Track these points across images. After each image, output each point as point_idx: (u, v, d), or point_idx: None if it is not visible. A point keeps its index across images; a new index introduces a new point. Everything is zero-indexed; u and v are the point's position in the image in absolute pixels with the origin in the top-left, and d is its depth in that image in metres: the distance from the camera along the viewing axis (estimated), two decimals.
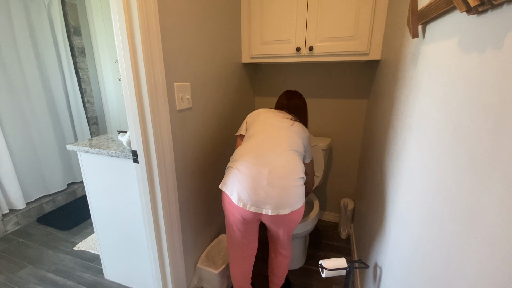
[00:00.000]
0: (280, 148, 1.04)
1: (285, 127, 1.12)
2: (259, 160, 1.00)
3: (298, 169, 1.01)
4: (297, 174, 1.00)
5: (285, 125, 1.13)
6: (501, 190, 0.35)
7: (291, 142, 1.07)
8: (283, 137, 1.08)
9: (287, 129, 1.11)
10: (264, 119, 1.18)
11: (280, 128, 1.12)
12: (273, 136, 1.09)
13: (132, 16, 0.87)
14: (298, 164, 1.03)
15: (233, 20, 1.52)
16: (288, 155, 1.03)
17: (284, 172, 0.98)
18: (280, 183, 0.96)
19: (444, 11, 0.55)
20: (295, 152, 1.06)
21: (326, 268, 1.01)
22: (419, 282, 0.61)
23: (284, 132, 1.10)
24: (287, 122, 1.15)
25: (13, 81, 1.98)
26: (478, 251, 0.40)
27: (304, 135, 1.16)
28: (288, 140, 1.07)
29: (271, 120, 1.16)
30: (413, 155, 0.72)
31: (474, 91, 0.43)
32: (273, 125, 1.13)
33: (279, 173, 0.97)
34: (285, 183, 0.97)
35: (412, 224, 0.68)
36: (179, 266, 1.22)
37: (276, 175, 0.97)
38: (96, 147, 1.24)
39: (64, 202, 2.42)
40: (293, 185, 0.98)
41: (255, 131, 1.13)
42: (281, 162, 1.00)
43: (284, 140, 1.07)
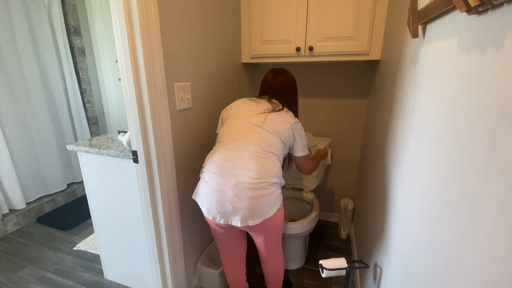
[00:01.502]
0: (248, 153, 0.95)
1: (256, 124, 1.00)
2: (225, 170, 0.93)
3: (269, 175, 0.94)
4: (268, 179, 0.93)
5: (257, 122, 1.01)
6: (501, 190, 0.35)
7: (262, 143, 0.97)
8: (252, 139, 0.97)
9: (257, 128, 1.00)
10: (234, 116, 1.06)
11: (249, 128, 1.00)
12: (240, 140, 0.98)
13: (132, 16, 0.86)
14: (269, 168, 0.95)
15: (233, 20, 1.52)
16: (257, 161, 0.94)
17: (251, 182, 0.91)
18: (247, 194, 0.90)
19: (444, 11, 0.55)
20: (267, 153, 0.97)
21: (326, 268, 1.01)
22: (419, 282, 0.61)
23: (254, 132, 0.99)
24: (259, 118, 1.02)
25: (13, 81, 1.98)
26: (479, 251, 0.40)
27: (284, 126, 1.02)
28: (258, 142, 0.97)
29: (241, 117, 1.04)
30: (413, 155, 0.72)
31: (474, 91, 0.43)
32: (242, 125, 1.02)
33: (246, 183, 0.90)
34: (253, 193, 0.90)
35: (412, 224, 0.68)
36: (179, 266, 1.22)
37: (243, 185, 0.90)
38: (96, 147, 1.24)
39: (64, 202, 2.42)
40: (263, 194, 0.91)
41: (223, 133, 1.04)
42: (248, 169, 0.92)
43: (252, 142, 0.97)
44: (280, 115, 1.05)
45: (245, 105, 1.09)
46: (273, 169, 0.96)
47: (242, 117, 1.04)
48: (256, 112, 1.05)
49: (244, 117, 1.04)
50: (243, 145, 0.97)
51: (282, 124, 1.03)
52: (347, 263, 1.02)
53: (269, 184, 0.93)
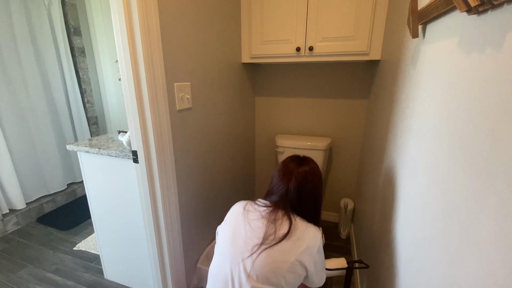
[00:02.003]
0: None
1: (258, 248, 0.71)
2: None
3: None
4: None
5: (260, 245, 0.72)
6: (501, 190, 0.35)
7: (264, 274, 0.69)
8: (251, 270, 0.69)
9: (262, 253, 0.70)
10: (232, 231, 0.77)
11: (248, 254, 0.71)
12: (234, 270, 0.72)
13: (132, 16, 0.86)
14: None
15: (233, 20, 1.52)
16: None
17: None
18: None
19: (444, 11, 0.55)
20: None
21: (327, 268, 1.01)
22: (419, 282, 0.61)
23: (254, 260, 0.70)
24: (268, 239, 0.72)
25: (13, 81, 1.98)
26: (479, 251, 0.40)
27: (301, 249, 0.71)
28: (259, 273, 0.69)
29: (241, 235, 0.75)
30: (413, 155, 0.72)
31: (474, 91, 0.43)
32: (241, 247, 0.73)
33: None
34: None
35: (412, 224, 0.68)
36: (179, 266, 1.22)
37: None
38: (96, 147, 1.24)
39: (64, 202, 2.42)
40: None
41: (217, 252, 0.80)
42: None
43: (251, 274, 0.69)
44: (300, 231, 0.74)
45: (249, 215, 0.79)
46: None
47: (245, 232, 0.76)
48: (263, 225, 0.75)
49: (248, 231, 0.75)
50: (237, 278, 0.71)
51: (303, 242, 0.72)
52: (347, 263, 1.02)
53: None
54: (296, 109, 1.96)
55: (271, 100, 2.01)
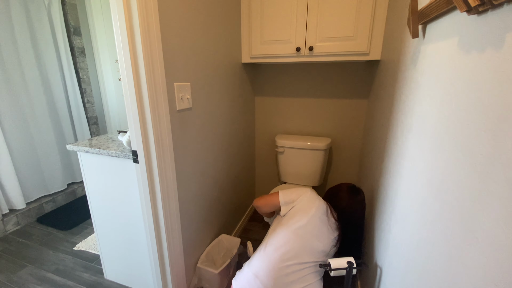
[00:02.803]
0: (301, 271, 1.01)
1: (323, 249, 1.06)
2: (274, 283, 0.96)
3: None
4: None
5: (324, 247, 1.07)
6: (501, 190, 0.35)
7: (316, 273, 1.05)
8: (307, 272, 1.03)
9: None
10: (306, 224, 1.08)
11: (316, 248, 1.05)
12: (301, 252, 1.03)
13: (132, 16, 0.86)
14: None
15: (233, 20, 1.52)
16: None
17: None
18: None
19: (444, 11, 0.55)
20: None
21: (334, 268, 1.01)
22: (419, 282, 0.61)
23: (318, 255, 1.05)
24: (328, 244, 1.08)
25: (13, 81, 1.98)
26: (479, 251, 0.40)
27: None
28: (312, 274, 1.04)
29: (311, 228, 1.07)
30: (413, 155, 0.72)
31: (474, 91, 0.43)
32: (310, 235, 1.05)
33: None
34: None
35: (412, 224, 0.68)
36: (179, 266, 1.22)
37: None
38: (96, 147, 1.24)
39: (64, 202, 2.42)
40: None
41: (284, 233, 1.07)
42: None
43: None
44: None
45: (320, 214, 1.10)
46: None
47: (316, 229, 1.08)
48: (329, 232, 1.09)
49: (317, 230, 1.08)
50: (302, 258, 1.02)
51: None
52: (347, 263, 1.02)
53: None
54: (296, 109, 1.96)
55: (271, 100, 2.01)
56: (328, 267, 1.04)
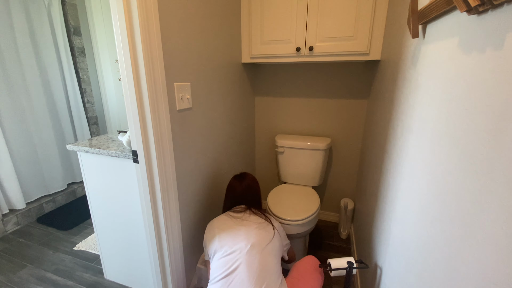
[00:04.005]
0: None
1: (254, 253, 0.94)
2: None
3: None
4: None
5: (254, 250, 0.95)
6: (501, 190, 0.35)
7: (266, 272, 0.92)
8: (255, 274, 0.91)
9: (259, 256, 0.94)
10: (221, 247, 0.98)
11: (247, 262, 0.93)
12: (237, 275, 0.91)
13: (132, 16, 0.86)
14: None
15: (233, 20, 1.52)
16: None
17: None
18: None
19: (444, 11, 0.55)
20: (272, 276, 0.94)
21: (334, 268, 1.01)
22: (419, 282, 0.61)
23: (254, 264, 0.92)
24: (257, 244, 0.97)
25: (13, 81, 1.98)
26: (479, 251, 0.40)
27: (274, 237, 1.02)
28: (260, 274, 0.91)
29: (231, 249, 0.96)
30: (413, 155, 0.72)
31: (474, 91, 0.43)
32: (237, 262, 0.93)
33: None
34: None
35: (412, 224, 0.68)
36: (179, 266, 1.22)
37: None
38: (96, 147, 1.24)
39: (64, 202, 2.42)
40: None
41: (214, 270, 0.96)
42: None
43: (257, 277, 0.90)
44: (270, 225, 1.07)
45: (226, 226, 1.05)
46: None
47: (233, 244, 0.98)
48: (247, 230, 1.02)
49: (235, 244, 0.98)
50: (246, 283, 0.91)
51: (271, 230, 1.05)
52: (347, 263, 1.02)
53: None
54: (296, 109, 1.96)
55: (271, 100, 2.01)
56: (328, 267, 1.04)
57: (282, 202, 1.56)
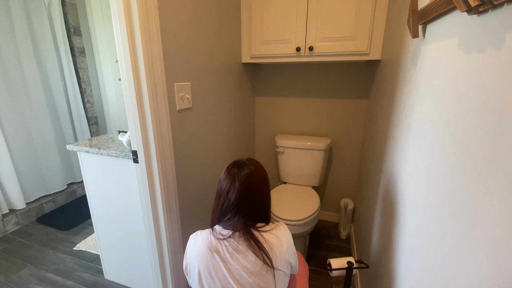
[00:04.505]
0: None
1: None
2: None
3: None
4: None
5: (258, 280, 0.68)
6: (501, 190, 0.35)
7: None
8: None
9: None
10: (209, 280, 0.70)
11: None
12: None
13: (132, 16, 0.86)
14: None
15: (233, 20, 1.52)
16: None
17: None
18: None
19: (444, 11, 0.55)
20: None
21: (334, 268, 1.01)
22: (419, 282, 0.61)
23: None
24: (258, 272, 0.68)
25: (13, 81, 1.98)
26: (479, 251, 0.40)
27: (286, 255, 0.72)
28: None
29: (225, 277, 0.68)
30: (413, 155, 0.72)
31: (475, 91, 0.43)
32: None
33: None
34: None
35: (412, 224, 0.68)
36: (179, 266, 1.22)
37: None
38: (96, 147, 1.24)
39: (64, 202, 2.42)
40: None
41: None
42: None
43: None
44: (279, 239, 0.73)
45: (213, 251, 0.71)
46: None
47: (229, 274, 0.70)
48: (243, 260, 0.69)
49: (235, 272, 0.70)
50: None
51: (283, 249, 0.73)
52: (347, 263, 1.02)
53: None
54: (296, 109, 1.96)
55: (271, 100, 2.01)
56: (328, 267, 1.04)
57: (282, 202, 1.56)
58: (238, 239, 0.72)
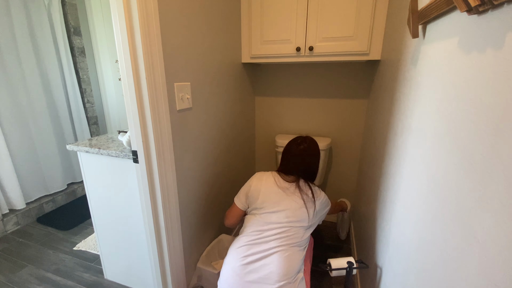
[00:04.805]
0: (277, 250, 1.00)
1: (287, 224, 1.05)
2: (247, 269, 0.98)
3: (293, 272, 0.99)
4: (292, 276, 0.98)
5: (288, 221, 1.06)
6: (501, 190, 0.35)
7: (288, 239, 1.03)
8: (281, 237, 1.03)
9: (289, 227, 1.05)
10: (262, 205, 1.11)
11: (280, 227, 1.05)
12: (268, 235, 1.04)
13: (132, 16, 0.86)
14: (294, 265, 1.00)
15: (233, 20, 1.52)
16: (285, 259, 0.99)
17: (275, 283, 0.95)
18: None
19: (444, 11, 0.55)
20: (293, 248, 1.03)
21: (334, 268, 1.01)
22: (419, 282, 0.61)
23: (285, 232, 1.04)
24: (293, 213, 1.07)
25: (13, 81, 1.98)
26: (479, 251, 0.40)
27: (316, 211, 1.11)
28: (284, 239, 1.03)
29: (269, 212, 1.09)
30: (413, 155, 0.72)
31: (475, 91, 0.43)
32: (274, 221, 1.06)
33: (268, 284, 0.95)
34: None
35: (412, 224, 0.68)
36: (179, 266, 1.22)
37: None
38: (96, 147, 1.24)
39: (64, 202, 2.42)
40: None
41: (251, 222, 1.10)
42: (272, 269, 0.97)
43: (279, 241, 1.02)
44: (313, 200, 1.12)
45: (275, 189, 1.12)
46: (296, 264, 1.01)
47: (278, 208, 1.08)
48: (291, 202, 1.09)
49: (280, 207, 1.08)
50: (273, 241, 1.02)
51: (314, 207, 1.11)
52: (346, 263, 1.02)
53: (294, 279, 0.98)
54: (296, 109, 1.96)
55: (271, 100, 2.01)
56: (328, 267, 1.04)
57: None
58: (292, 187, 1.13)
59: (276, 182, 1.15)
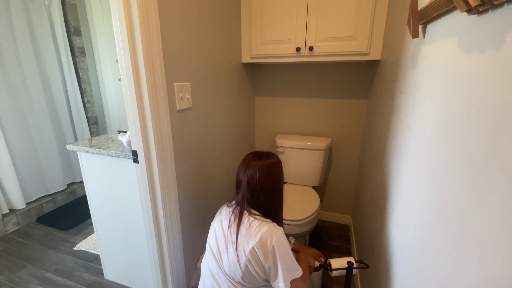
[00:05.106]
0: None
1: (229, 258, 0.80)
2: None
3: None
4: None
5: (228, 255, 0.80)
6: (501, 189, 0.35)
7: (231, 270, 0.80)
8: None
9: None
10: (209, 245, 0.90)
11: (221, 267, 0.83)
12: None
13: (132, 16, 0.86)
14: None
15: (233, 20, 1.52)
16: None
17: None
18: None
19: (444, 11, 0.55)
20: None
21: (334, 268, 1.01)
22: (419, 282, 0.61)
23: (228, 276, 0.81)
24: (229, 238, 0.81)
25: (13, 81, 1.98)
26: (479, 250, 0.40)
27: (255, 242, 0.75)
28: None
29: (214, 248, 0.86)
30: (413, 155, 0.72)
31: (475, 91, 0.43)
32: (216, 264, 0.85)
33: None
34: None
35: (412, 224, 0.68)
36: (179, 266, 1.22)
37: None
38: (96, 147, 1.24)
39: (64, 202, 2.42)
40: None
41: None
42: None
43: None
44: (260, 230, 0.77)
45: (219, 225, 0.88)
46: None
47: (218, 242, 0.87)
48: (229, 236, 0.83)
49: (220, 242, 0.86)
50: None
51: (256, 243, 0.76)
52: (347, 263, 1.02)
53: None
54: (296, 109, 1.96)
55: (271, 100, 2.01)
56: (329, 267, 1.04)
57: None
58: (233, 211, 0.85)
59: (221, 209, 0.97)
